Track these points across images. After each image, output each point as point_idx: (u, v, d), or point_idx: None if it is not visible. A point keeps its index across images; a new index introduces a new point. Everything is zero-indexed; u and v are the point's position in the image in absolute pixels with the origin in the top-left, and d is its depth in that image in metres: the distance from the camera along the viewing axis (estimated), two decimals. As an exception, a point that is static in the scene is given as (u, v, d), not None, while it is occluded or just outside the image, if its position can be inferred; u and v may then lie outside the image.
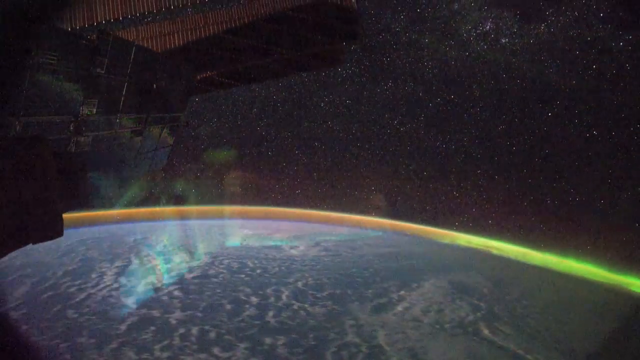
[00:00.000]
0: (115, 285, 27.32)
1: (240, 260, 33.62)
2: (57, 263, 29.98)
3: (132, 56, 5.81)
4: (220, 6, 9.12)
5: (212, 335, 19.87)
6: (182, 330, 20.05)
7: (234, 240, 42.24)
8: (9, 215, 1.85)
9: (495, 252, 43.87)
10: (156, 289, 27.40)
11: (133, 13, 8.80)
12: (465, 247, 45.29)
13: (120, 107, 5.89)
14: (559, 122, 41.97)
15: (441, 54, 39.97)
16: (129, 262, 31.80)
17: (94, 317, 21.35)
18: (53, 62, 3.98)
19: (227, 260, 33.53)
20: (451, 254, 41.16)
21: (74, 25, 7.34)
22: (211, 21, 9.10)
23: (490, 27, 37.26)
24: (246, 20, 9.03)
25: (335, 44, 9.10)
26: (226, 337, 19.72)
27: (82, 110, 4.89)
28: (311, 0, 8.89)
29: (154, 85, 6.95)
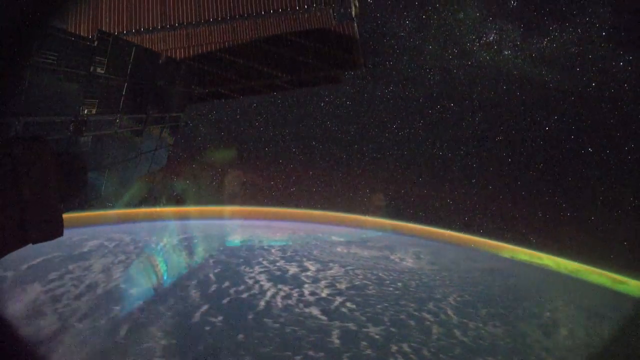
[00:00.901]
0: (115, 285, 27.36)
1: (371, 271, 34.94)
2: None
3: (132, 56, 5.81)
4: (225, 23, 9.17)
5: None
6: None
7: (235, 240, 42.25)
8: (9, 215, 1.85)
9: (553, 267, 43.47)
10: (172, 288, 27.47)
11: (137, 27, 8.90)
12: (528, 263, 44.91)
13: (120, 107, 5.89)
14: (556, 138, 42.82)
15: (444, 62, 40.26)
16: (129, 262, 31.81)
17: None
18: (53, 62, 3.98)
19: (358, 270, 34.93)
20: (532, 274, 40.70)
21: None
22: (215, 39, 9.15)
23: (494, 38, 37.59)
24: (248, 38, 9.08)
25: (335, 71, 9.14)
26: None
27: (82, 110, 4.89)
28: (314, 26, 8.94)
29: (154, 85, 6.95)
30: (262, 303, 25.75)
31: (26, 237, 1.92)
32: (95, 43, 4.81)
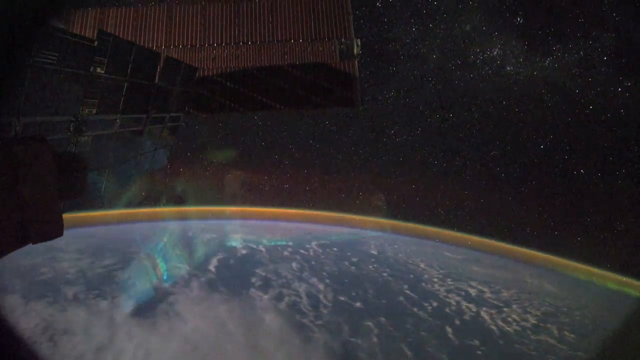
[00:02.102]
0: (114, 285, 27.36)
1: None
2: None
3: (132, 56, 5.81)
4: (229, 48, 9.23)
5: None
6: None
7: (235, 240, 42.21)
8: (9, 215, 1.85)
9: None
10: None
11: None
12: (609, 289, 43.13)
13: (120, 107, 5.89)
14: (550, 157, 43.22)
15: (446, 72, 40.40)
16: (129, 262, 31.80)
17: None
18: (53, 62, 3.98)
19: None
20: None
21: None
22: (217, 63, 9.25)
23: (497, 53, 37.73)
24: (250, 65, 9.15)
25: (332, 107, 9.18)
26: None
27: (82, 110, 4.89)
28: (316, 60, 8.98)
29: (154, 85, 6.95)
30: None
31: (26, 237, 1.92)
32: (95, 43, 4.81)
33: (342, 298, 30.32)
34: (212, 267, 33.68)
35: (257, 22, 9.30)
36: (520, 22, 35.19)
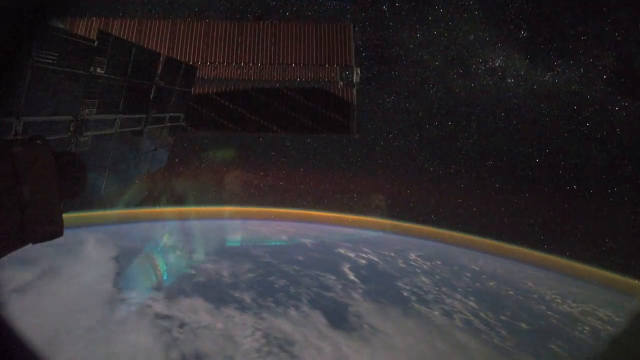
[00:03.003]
0: (115, 284, 27.36)
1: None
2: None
3: (132, 56, 5.81)
4: (231, 67, 9.25)
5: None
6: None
7: (235, 240, 42.20)
8: (9, 215, 1.85)
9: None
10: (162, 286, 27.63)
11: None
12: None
13: (120, 107, 5.89)
14: (544, 171, 43.52)
15: (448, 80, 40.50)
16: (129, 262, 31.80)
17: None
18: (53, 62, 3.98)
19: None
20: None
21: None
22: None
23: (499, 64, 37.86)
24: (249, 86, 9.16)
25: (329, 133, 9.19)
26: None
27: (82, 110, 4.89)
28: (316, 84, 8.99)
29: (154, 85, 6.95)
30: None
31: (26, 237, 1.92)
32: (95, 43, 4.81)
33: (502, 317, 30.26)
34: (352, 276, 34.32)
35: (261, 44, 9.35)
36: (524, 35, 35.39)
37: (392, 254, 43.76)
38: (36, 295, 24.03)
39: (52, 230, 2.01)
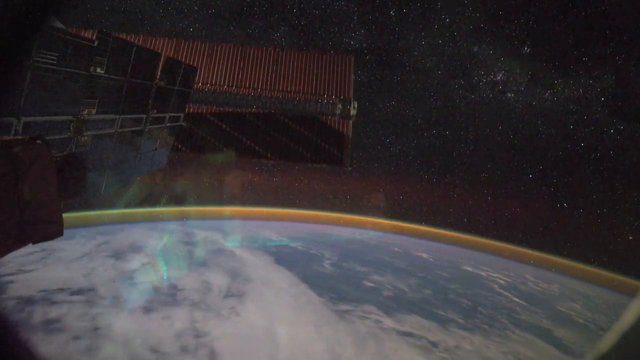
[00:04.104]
0: (115, 285, 27.34)
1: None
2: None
3: (132, 56, 5.81)
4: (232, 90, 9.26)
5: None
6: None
7: (235, 240, 42.18)
8: (9, 215, 1.85)
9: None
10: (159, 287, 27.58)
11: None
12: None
13: (120, 107, 5.89)
14: (537, 187, 43.83)
15: (449, 90, 40.64)
16: (129, 262, 31.78)
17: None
18: (53, 62, 3.98)
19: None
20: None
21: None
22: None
23: (501, 78, 38.04)
24: (247, 111, 9.15)
25: (321, 164, 9.17)
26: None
27: (82, 110, 4.89)
28: (315, 114, 8.97)
29: (154, 85, 6.95)
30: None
31: (26, 237, 1.91)
32: (95, 43, 4.81)
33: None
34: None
35: (262, 70, 9.35)
36: (527, 51, 35.55)
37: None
38: (259, 302, 24.93)
39: (52, 230, 2.01)
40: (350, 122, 9.03)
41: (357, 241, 49.03)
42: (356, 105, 8.98)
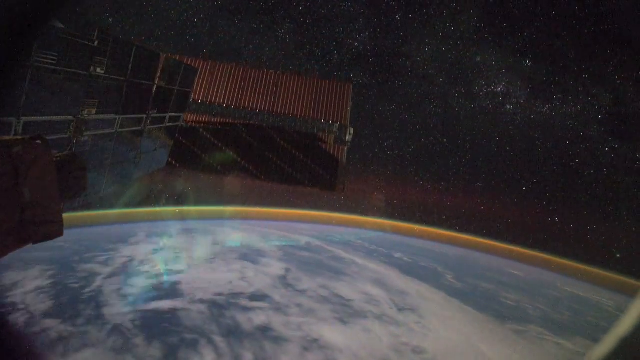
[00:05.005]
0: (116, 284, 27.32)
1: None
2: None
3: (132, 56, 5.81)
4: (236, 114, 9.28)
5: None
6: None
7: (234, 240, 42.18)
8: (9, 215, 1.85)
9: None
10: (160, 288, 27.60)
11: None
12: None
13: (120, 107, 5.89)
14: (530, 200, 44.13)
15: (449, 98, 40.83)
16: (129, 262, 31.76)
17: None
18: (53, 62, 3.98)
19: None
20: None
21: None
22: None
23: (501, 89, 38.24)
24: (245, 131, 9.16)
25: (314, 188, 9.18)
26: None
27: (82, 110, 4.89)
28: (308, 139, 9.01)
29: (154, 85, 6.95)
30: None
31: (26, 237, 1.92)
32: (96, 43, 4.81)
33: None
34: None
35: (262, 91, 9.38)
36: (529, 64, 35.74)
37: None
38: (436, 317, 25.33)
39: (52, 230, 2.01)
40: (346, 147, 9.11)
41: (448, 254, 49.37)
42: (352, 132, 9.08)
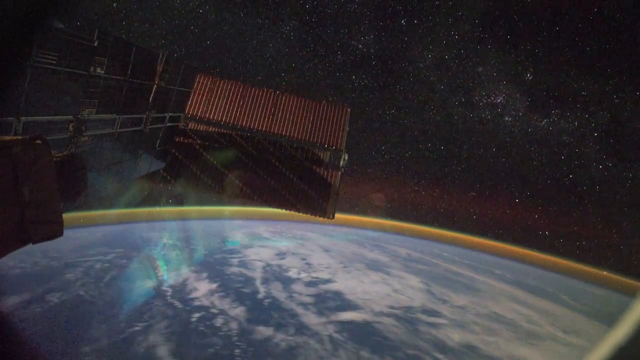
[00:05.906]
0: (116, 284, 27.35)
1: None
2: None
3: (132, 56, 5.81)
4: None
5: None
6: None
7: (234, 240, 42.20)
8: (9, 215, 1.85)
9: None
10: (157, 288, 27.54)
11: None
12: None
13: (120, 107, 5.89)
14: (522, 213, 44.50)
15: (448, 106, 40.89)
16: (129, 262, 31.78)
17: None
18: (53, 62, 3.98)
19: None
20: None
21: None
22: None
23: (500, 101, 38.39)
24: (240, 151, 9.15)
25: (305, 212, 9.17)
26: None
27: (82, 110, 4.89)
28: (302, 162, 9.01)
29: (154, 85, 6.95)
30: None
31: (26, 237, 1.92)
32: (96, 43, 4.81)
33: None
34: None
35: (260, 110, 9.36)
36: (530, 78, 35.85)
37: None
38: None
39: (52, 230, 2.01)
40: (339, 172, 9.13)
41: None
42: (346, 158, 9.10)
